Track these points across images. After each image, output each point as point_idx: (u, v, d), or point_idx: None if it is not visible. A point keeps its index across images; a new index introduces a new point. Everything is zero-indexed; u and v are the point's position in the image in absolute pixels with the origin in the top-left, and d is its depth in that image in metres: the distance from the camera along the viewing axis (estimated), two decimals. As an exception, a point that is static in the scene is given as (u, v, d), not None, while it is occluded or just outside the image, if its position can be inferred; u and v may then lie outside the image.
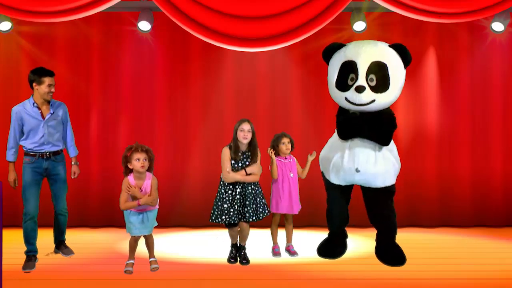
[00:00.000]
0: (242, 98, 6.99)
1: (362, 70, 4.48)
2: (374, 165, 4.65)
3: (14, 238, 5.53)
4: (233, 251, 5.13)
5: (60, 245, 5.35)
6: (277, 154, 5.38)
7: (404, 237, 4.92)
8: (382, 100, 4.52)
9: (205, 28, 5.59)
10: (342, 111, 4.79)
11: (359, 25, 6.53)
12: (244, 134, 4.95)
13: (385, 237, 4.88)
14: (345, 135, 4.72)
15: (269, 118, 6.93)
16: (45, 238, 5.46)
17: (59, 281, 4.57)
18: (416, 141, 6.91)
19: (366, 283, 4.45)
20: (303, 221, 6.56)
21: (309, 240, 5.85)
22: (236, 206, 4.92)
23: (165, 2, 5.56)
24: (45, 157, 5.05)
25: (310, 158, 5.39)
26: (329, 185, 4.97)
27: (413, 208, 6.90)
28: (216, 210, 4.97)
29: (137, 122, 6.89)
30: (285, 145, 5.35)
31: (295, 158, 5.45)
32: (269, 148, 5.36)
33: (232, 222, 4.92)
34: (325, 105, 6.87)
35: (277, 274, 4.75)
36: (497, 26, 6.53)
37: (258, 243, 5.78)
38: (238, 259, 5.10)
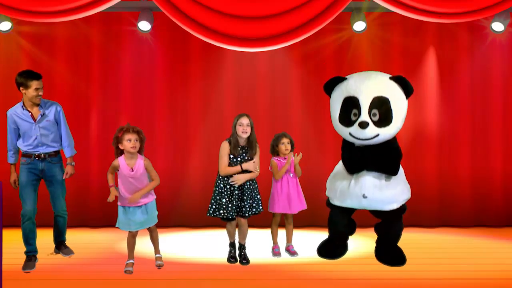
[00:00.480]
0: (242, 98, 6.99)
1: (365, 105, 4.48)
2: (381, 191, 4.62)
3: (14, 238, 5.53)
4: (233, 251, 5.13)
5: (60, 245, 5.35)
6: (276, 154, 5.39)
7: (404, 237, 4.91)
8: (386, 133, 4.53)
9: (205, 28, 5.59)
10: (346, 144, 4.79)
11: (359, 25, 6.53)
12: (243, 128, 4.94)
13: (386, 242, 4.88)
14: (352, 171, 4.72)
15: (269, 118, 6.92)
16: (45, 238, 5.46)
17: (59, 281, 4.57)
18: (416, 141, 6.90)
19: (366, 283, 4.45)
20: (303, 221, 6.55)
21: (309, 240, 5.85)
22: (234, 201, 4.92)
23: (165, 2, 5.55)
24: (40, 158, 5.04)
25: (296, 159, 5.33)
26: (332, 206, 4.96)
27: (413, 208, 6.84)
28: (214, 204, 4.96)
29: (137, 122, 6.83)
30: (284, 145, 5.35)
31: (294, 158, 5.45)
32: (290, 152, 5.33)
33: (230, 217, 4.92)
34: (325, 105, 6.79)
35: (277, 274, 4.74)
36: (497, 26, 6.53)
37: (258, 243, 5.78)
38: (238, 258, 5.10)
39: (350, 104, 4.56)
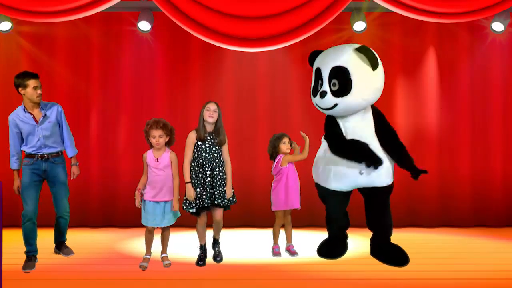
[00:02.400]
0: (242, 98, 6.99)
1: (325, 76, 4.65)
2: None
3: (14, 238, 5.53)
4: (202, 253, 5.09)
5: (60, 245, 5.35)
6: (277, 153, 5.40)
7: (404, 237, 4.92)
8: (346, 103, 4.60)
9: (205, 28, 5.59)
10: (330, 122, 4.81)
11: (359, 25, 6.53)
12: (210, 113, 4.99)
13: (383, 238, 4.88)
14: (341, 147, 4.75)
15: (269, 118, 6.93)
16: (45, 238, 5.46)
17: (59, 281, 4.57)
18: (416, 141, 6.90)
19: (366, 283, 4.45)
20: (303, 221, 6.56)
21: (309, 240, 5.85)
22: (208, 188, 4.92)
23: (165, 2, 5.56)
24: (43, 159, 5.04)
25: (307, 142, 5.31)
26: (328, 193, 4.92)
27: (413, 208, 6.90)
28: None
29: (137, 122, 6.88)
30: (285, 144, 5.37)
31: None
32: (301, 132, 5.34)
33: (206, 205, 4.89)
34: (325, 105, 6.86)
35: (277, 274, 4.74)
36: (497, 26, 6.53)
37: (258, 243, 5.78)
38: (213, 255, 5.09)
39: (317, 75, 4.77)
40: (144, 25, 6.51)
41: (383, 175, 4.70)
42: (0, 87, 6.92)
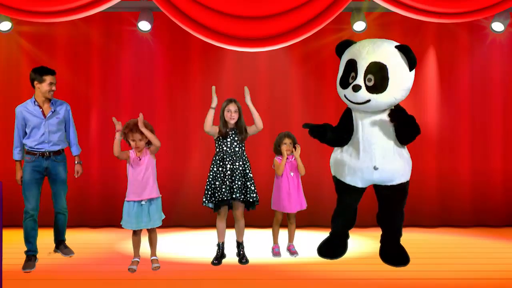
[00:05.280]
0: (242, 98, 6.95)
1: (361, 69, 4.48)
2: (391, 162, 4.62)
3: (14, 238, 5.53)
4: (219, 252, 5.09)
5: (60, 245, 5.35)
6: (278, 153, 5.40)
7: (404, 237, 4.91)
8: (379, 100, 4.50)
9: (205, 28, 5.60)
10: (346, 114, 4.79)
11: (359, 25, 6.53)
12: (231, 114, 5.04)
13: (391, 239, 4.86)
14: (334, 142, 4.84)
15: (269, 118, 6.91)
16: (45, 238, 5.46)
17: (59, 281, 4.57)
18: (416, 141, 6.85)
19: (366, 283, 4.45)
20: (303, 221, 6.55)
21: (309, 240, 5.85)
22: (227, 182, 4.92)
23: (165, 2, 5.56)
24: (45, 156, 5.06)
25: (296, 154, 5.34)
26: (342, 187, 4.91)
27: (413, 208, 6.88)
28: (210, 190, 4.96)
29: (137, 122, 6.88)
30: (286, 145, 5.37)
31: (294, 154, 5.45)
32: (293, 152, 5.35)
33: (225, 198, 4.88)
34: (325, 105, 6.86)
35: (277, 274, 4.75)
36: (497, 26, 6.53)
37: (258, 243, 5.78)
38: (238, 259, 5.09)
39: (350, 67, 4.58)
40: (144, 25, 6.51)
41: (396, 173, 4.66)
42: (0, 87, 6.92)
